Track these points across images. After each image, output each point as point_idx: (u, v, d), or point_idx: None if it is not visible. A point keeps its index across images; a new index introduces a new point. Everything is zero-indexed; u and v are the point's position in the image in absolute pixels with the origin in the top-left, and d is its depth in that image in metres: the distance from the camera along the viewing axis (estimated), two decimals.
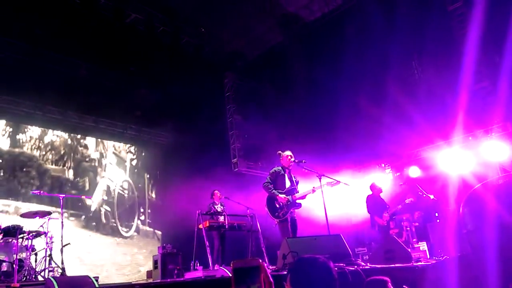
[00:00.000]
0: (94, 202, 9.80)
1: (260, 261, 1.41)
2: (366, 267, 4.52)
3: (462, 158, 8.76)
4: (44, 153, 9.40)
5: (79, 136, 10.04)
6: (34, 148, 9.23)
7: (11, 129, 9.07)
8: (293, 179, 6.27)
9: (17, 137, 9.11)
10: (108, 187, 10.30)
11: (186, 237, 8.02)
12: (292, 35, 11.71)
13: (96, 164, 10.24)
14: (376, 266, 4.73)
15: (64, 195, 6.71)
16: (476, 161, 8.50)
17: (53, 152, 9.52)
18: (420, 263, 5.23)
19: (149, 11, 9.84)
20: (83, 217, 9.56)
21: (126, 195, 10.60)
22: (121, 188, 10.50)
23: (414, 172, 9.55)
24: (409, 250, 6.46)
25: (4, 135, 8.94)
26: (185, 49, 10.94)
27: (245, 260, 1.41)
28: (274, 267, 5.08)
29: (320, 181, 5.92)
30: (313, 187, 5.95)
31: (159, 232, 10.63)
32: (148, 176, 11.04)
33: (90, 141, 10.25)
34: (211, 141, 10.52)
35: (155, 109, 10.21)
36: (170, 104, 10.32)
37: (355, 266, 4.28)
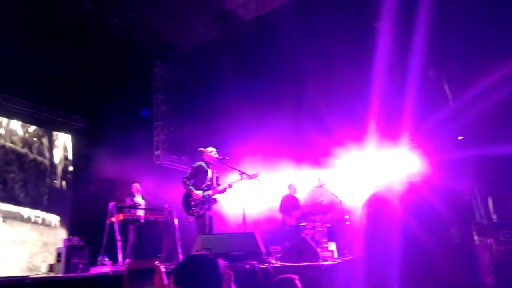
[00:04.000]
0: None
1: (157, 262, 1.36)
2: (276, 265, 4.65)
3: (373, 166, 9.44)
4: None
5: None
6: None
7: None
8: (214, 175, 6.26)
9: None
10: None
11: (97, 230, 7.60)
12: (228, 32, 11.70)
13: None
14: (286, 264, 4.89)
15: None
16: (386, 171, 9.21)
17: None
18: (327, 263, 5.53)
19: None
20: None
21: None
22: None
23: (327, 176, 10.02)
24: (319, 250, 6.80)
25: None
26: (113, 31, 10.36)
27: (141, 261, 1.36)
28: None
29: (241, 178, 5.99)
30: (230, 182, 6.02)
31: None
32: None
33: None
34: (133, 130, 10.02)
35: (73, 91, 9.45)
36: (91, 87, 9.62)
37: (266, 264, 4.39)
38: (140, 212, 7.40)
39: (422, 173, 8.08)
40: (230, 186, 6.02)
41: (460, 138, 8.97)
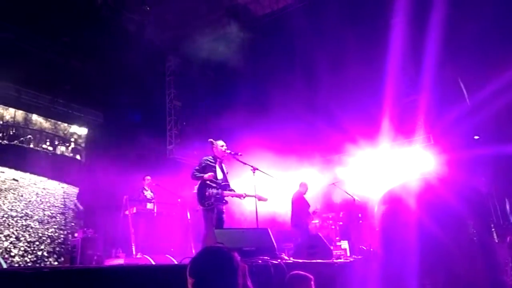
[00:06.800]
0: None
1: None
2: (289, 261, 4.63)
3: (387, 164, 9.33)
4: None
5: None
6: None
7: None
8: (224, 170, 6.17)
9: None
10: None
11: (110, 222, 7.65)
12: (240, 27, 11.65)
13: None
14: (298, 260, 4.88)
15: None
16: (401, 168, 9.09)
17: None
18: (339, 260, 5.49)
19: None
20: None
21: None
22: None
23: (341, 173, 9.94)
24: (332, 247, 6.76)
25: None
26: (126, 25, 10.37)
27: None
28: None
29: (253, 174, 5.95)
30: (244, 193, 5.94)
31: None
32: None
33: None
34: (147, 125, 10.05)
35: (88, 85, 9.51)
36: (105, 81, 9.66)
37: (279, 260, 4.37)
38: (153, 206, 7.45)
39: (438, 171, 7.95)
40: (243, 197, 5.97)
41: (476, 138, 8.80)
